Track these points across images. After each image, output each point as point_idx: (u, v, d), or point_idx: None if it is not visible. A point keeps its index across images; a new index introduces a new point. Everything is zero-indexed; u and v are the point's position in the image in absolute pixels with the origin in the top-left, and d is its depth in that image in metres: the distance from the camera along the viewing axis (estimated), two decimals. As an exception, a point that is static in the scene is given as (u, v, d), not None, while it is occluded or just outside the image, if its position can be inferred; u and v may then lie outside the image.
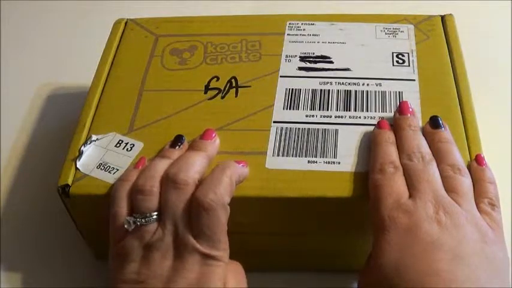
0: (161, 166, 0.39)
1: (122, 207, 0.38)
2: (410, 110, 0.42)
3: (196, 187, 0.37)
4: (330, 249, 0.44)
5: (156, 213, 0.37)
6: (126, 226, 0.37)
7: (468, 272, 0.32)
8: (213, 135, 0.41)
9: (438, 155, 0.39)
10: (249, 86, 0.46)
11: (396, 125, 0.41)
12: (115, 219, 0.38)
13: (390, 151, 0.39)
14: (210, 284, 0.35)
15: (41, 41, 0.71)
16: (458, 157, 0.39)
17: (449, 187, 0.36)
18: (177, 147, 0.41)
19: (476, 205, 0.36)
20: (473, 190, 0.37)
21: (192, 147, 0.41)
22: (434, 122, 0.41)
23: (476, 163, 0.39)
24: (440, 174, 0.37)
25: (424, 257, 0.33)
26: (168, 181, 0.37)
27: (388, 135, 0.40)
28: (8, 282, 0.48)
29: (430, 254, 0.33)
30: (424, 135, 0.40)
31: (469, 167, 0.39)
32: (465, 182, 0.37)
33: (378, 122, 0.42)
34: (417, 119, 0.42)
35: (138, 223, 0.37)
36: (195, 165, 0.38)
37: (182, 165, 0.38)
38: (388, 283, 0.33)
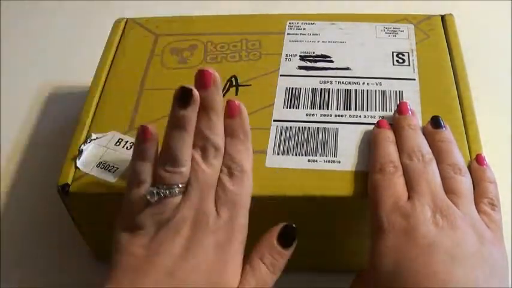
0: (183, 142, 0.36)
1: (143, 180, 0.36)
2: (409, 110, 0.42)
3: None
4: (330, 249, 0.44)
5: (182, 184, 0.35)
6: (149, 197, 0.35)
7: (465, 272, 0.32)
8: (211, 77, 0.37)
9: (439, 154, 0.38)
10: (249, 85, 0.46)
11: (396, 124, 0.41)
12: (133, 189, 0.36)
13: (390, 150, 0.39)
14: (225, 274, 0.34)
15: (41, 41, 0.71)
16: (458, 157, 0.38)
17: (448, 188, 0.36)
18: (189, 107, 0.36)
19: (476, 205, 0.36)
20: (474, 190, 0.37)
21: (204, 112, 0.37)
22: (435, 122, 0.41)
23: (476, 163, 0.39)
24: (440, 174, 0.37)
25: (421, 259, 0.33)
26: (196, 154, 0.36)
27: (388, 135, 0.40)
28: (8, 283, 0.48)
29: (427, 256, 0.33)
30: (424, 134, 0.40)
31: (469, 167, 0.39)
32: (465, 182, 0.37)
33: (378, 122, 0.42)
34: (417, 119, 0.42)
35: (162, 194, 0.35)
36: (218, 136, 0.37)
37: (205, 139, 0.37)
38: (386, 284, 0.33)
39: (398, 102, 0.43)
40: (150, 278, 0.33)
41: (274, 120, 0.43)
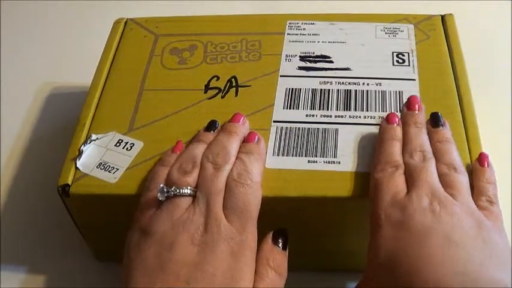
0: (199, 150, 0.40)
1: (158, 183, 0.38)
2: (418, 105, 0.41)
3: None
4: (330, 249, 0.44)
5: (191, 187, 0.37)
6: (159, 195, 0.37)
7: (462, 253, 0.32)
8: (242, 118, 0.42)
9: (436, 154, 0.39)
10: (249, 86, 0.46)
11: (403, 120, 0.41)
12: (148, 192, 0.38)
13: (394, 150, 0.39)
14: (239, 282, 0.34)
15: (41, 41, 0.71)
16: (455, 156, 0.38)
17: (445, 184, 0.37)
18: (212, 131, 0.42)
19: (475, 203, 0.36)
20: (473, 189, 0.37)
21: (224, 130, 0.42)
22: (434, 120, 0.41)
23: (478, 163, 0.39)
24: (437, 172, 0.37)
25: (417, 245, 0.33)
26: (207, 162, 0.38)
27: (395, 132, 0.40)
28: (8, 282, 0.48)
29: (423, 241, 0.33)
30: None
31: (471, 166, 0.39)
32: (461, 179, 0.37)
33: (388, 116, 0.41)
34: (424, 115, 0.41)
35: (172, 193, 0.37)
36: (232, 148, 0.39)
37: (219, 148, 0.39)
38: (386, 276, 0.33)
39: (398, 103, 0.43)
40: (167, 287, 0.34)
41: (274, 121, 0.43)
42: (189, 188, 0.37)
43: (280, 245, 0.38)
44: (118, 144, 0.43)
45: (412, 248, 0.33)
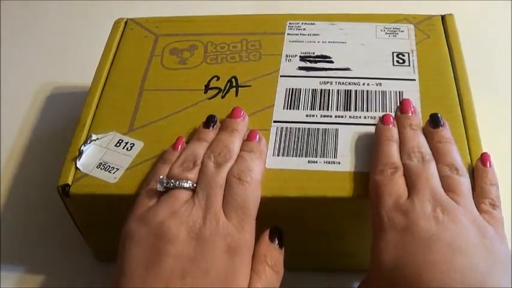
0: (201, 149, 0.40)
1: (158, 176, 0.38)
2: (411, 108, 0.42)
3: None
4: (330, 249, 0.44)
5: (191, 182, 0.37)
6: (158, 186, 0.37)
7: (466, 261, 0.32)
8: (242, 112, 0.42)
9: (437, 154, 0.38)
10: (249, 86, 0.46)
11: (398, 122, 0.41)
12: (147, 186, 0.38)
13: (392, 151, 0.39)
14: (235, 280, 0.34)
15: (41, 41, 0.71)
16: (456, 157, 0.38)
17: (447, 186, 0.36)
18: (211, 127, 0.42)
19: (477, 206, 0.36)
20: (475, 190, 0.37)
21: (225, 127, 0.41)
22: (433, 121, 0.41)
23: (481, 163, 0.39)
24: (438, 174, 0.37)
25: (421, 251, 0.33)
26: (209, 161, 0.38)
27: (391, 133, 0.40)
28: (8, 282, 0.48)
29: (427, 248, 0.33)
30: (424, 133, 0.40)
31: (473, 166, 0.39)
32: (463, 181, 0.37)
33: (382, 117, 0.41)
34: (418, 117, 0.41)
35: (172, 184, 0.37)
36: (234, 147, 0.40)
37: (221, 148, 0.39)
38: (388, 281, 0.33)
39: (398, 103, 0.43)
40: (162, 279, 0.33)
41: (274, 121, 0.43)
42: (189, 182, 0.37)
43: (277, 242, 0.38)
44: (118, 144, 0.43)
45: (416, 254, 0.33)
